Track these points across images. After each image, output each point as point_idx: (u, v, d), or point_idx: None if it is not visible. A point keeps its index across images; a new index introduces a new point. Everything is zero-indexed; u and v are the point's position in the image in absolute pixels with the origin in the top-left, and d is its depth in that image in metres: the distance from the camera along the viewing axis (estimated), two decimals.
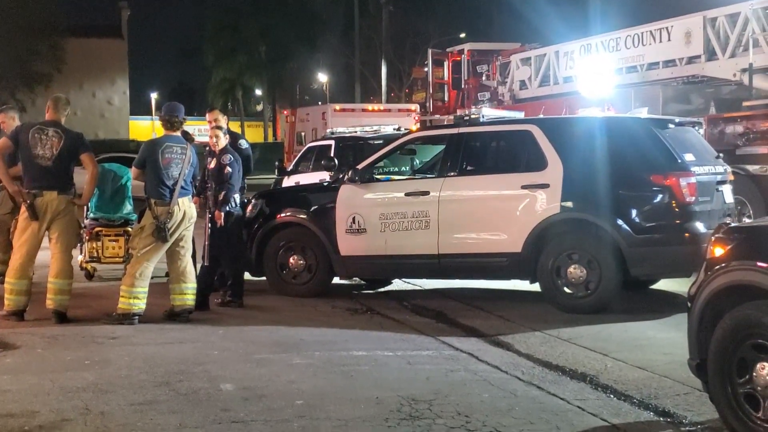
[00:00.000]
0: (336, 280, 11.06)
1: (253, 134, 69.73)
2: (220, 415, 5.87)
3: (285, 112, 34.06)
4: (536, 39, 34.31)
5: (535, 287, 10.23)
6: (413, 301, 10.58)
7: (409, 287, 11.64)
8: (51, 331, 8.42)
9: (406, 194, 10.29)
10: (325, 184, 11.50)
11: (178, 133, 9.22)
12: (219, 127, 10.14)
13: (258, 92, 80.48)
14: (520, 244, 9.68)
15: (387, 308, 10.07)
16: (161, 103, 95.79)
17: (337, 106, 30.80)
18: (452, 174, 10.20)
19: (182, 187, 8.99)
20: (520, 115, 11.64)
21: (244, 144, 10.84)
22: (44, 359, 7.34)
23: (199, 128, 75.95)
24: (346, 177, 10.65)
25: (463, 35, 57.06)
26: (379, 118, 26.90)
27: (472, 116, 10.50)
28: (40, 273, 9.49)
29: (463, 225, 10.00)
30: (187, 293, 9.09)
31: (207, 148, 10.78)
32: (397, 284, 11.77)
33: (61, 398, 6.18)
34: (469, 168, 10.28)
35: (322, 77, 67.99)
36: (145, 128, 78.07)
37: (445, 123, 13.24)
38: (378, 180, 10.88)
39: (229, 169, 9.85)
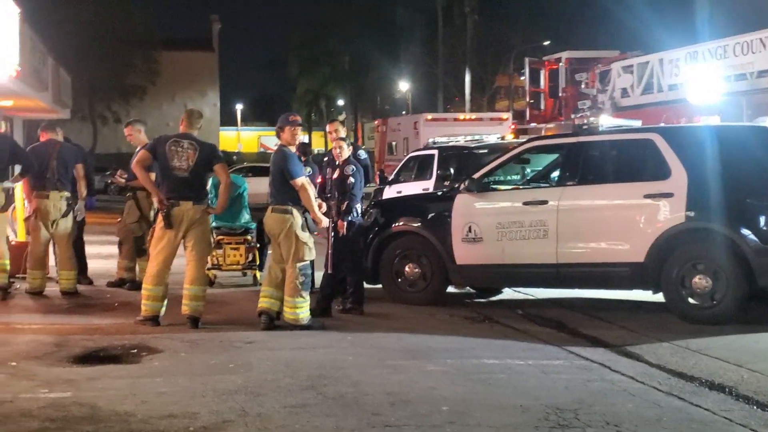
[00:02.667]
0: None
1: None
2: (372, 419, 5.96)
3: (376, 122, 34.25)
4: (621, 46, 34.05)
5: (647, 296, 10.17)
6: (529, 310, 10.56)
7: (521, 296, 11.63)
8: (189, 336, 8.63)
9: (524, 203, 10.28)
10: (440, 193, 11.55)
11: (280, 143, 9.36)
12: (343, 138, 10.27)
13: (340, 102, 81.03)
14: (642, 254, 9.61)
15: (504, 317, 10.06)
16: (246, 114, 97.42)
17: (429, 116, 30.89)
18: (571, 183, 10.18)
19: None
20: (638, 123, 11.54)
21: (362, 154, 10.97)
22: (190, 363, 7.52)
23: None
24: (463, 186, 10.69)
25: (546, 43, 56.73)
26: (471, 127, 26.94)
27: (591, 125, 10.44)
28: (173, 279, 9.70)
29: (583, 234, 9.96)
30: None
31: (326, 158, 10.97)
32: (508, 293, 11.76)
33: (217, 400, 6.33)
34: (589, 177, 10.23)
35: (404, 86, 68.13)
36: (231, 139, 79.29)
37: (560, 132, 13.16)
38: (494, 189, 10.88)
39: (352, 179, 9.97)
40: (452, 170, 13.02)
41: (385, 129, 32.83)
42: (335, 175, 10.16)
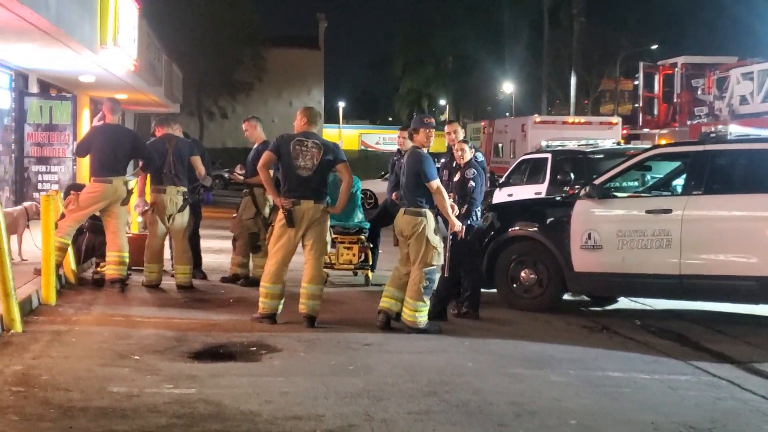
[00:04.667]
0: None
1: (437, 143, 70.37)
2: (498, 430, 5.83)
3: (482, 123, 33.97)
4: (733, 51, 33.13)
5: None
6: (647, 321, 10.29)
7: (638, 306, 11.36)
8: (306, 335, 8.61)
9: (647, 212, 10.01)
10: (559, 198, 11.35)
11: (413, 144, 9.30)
12: (465, 141, 10.15)
13: (442, 102, 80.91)
14: None
15: (623, 328, 9.82)
16: (348, 112, 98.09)
17: (538, 118, 30.51)
18: (697, 192, 9.87)
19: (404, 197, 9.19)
20: (766, 132, 11.13)
21: (480, 157, 10.81)
22: (310, 363, 7.50)
23: (383, 137, 77.34)
24: (583, 192, 10.48)
25: (655, 47, 55.61)
26: (580, 131, 26.56)
27: (719, 133, 10.11)
28: (289, 277, 9.71)
29: (709, 245, 9.64)
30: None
31: (443, 160, 10.83)
32: (624, 302, 11.50)
33: (340, 403, 6.28)
34: (715, 186, 9.91)
35: (508, 88, 67.63)
36: (332, 136, 79.96)
37: (685, 140, 12.80)
38: (615, 196, 10.63)
39: (472, 183, 9.85)
40: (572, 175, 12.76)
41: (492, 130, 32.58)
42: (456, 178, 10.04)
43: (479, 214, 10.15)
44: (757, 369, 8.01)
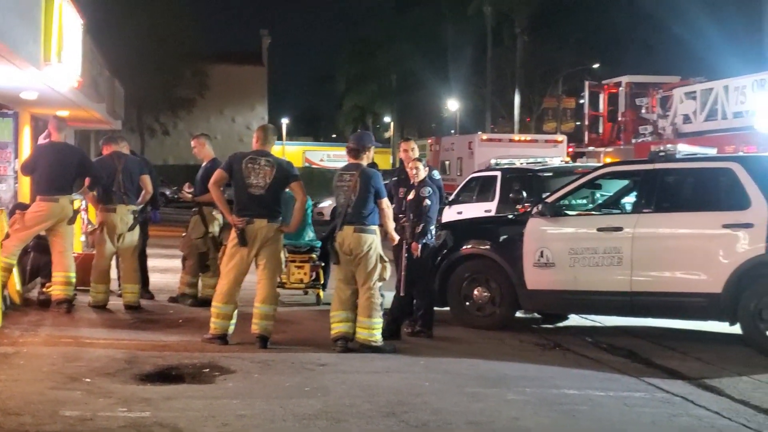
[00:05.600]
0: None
1: (380, 161, 70.57)
2: None
3: (429, 141, 34.15)
4: (674, 70, 33.78)
5: (721, 327, 10.00)
6: (598, 337, 10.39)
7: (588, 323, 11.47)
8: (259, 356, 8.54)
9: (598, 230, 10.14)
10: (512, 216, 11.44)
11: (361, 161, 9.21)
12: (419, 159, 10.18)
13: (387, 119, 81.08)
14: (720, 285, 9.42)
15: (575, 344, 9.91)
16: (291, 129, 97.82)
17: (484, 136, 30.80)
18: (647, 210, 10.03)
19: (348, 214, 9.00)
20: (713, 151, 11.36)
21: (436, 175, 10.85)
22: (265, 384, 7.43)
23: (328, 154, 77.18)
24: (536, 210, 10.57)
25: (596, 66, 56.43)
26: (526, 149, 26.86)
27: (668, 152, 10.28)
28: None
29: (659, 263, 9.80)
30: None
31: (396, 177, 10.88)
32: (575, 319, 11.60)
33: (298, 425, 6.24)
34: (665, 205, 10.08)
35: (452, 105, 68.08)
36: (276, 153, 79.54)
37: (634, 158, 13.00)
38: (567, 214, 10.73)
39: (428, 201, 9.87)
40: (524, 193, 12.91)
41: (438, 148, 32.77)
42: (410, 197, 10.05)
43: (433, 232, 10.17)
44: (709, 385, 8.13)
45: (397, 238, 9.33)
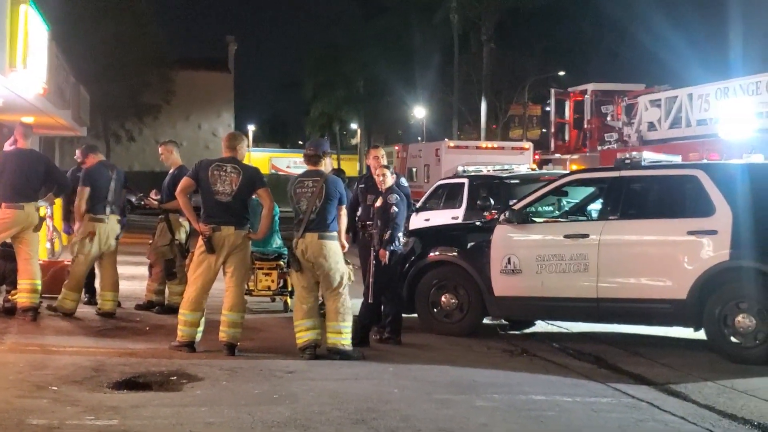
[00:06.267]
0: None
1: (348, 167, 70.46)
2: None
3: (396, 148, 34.21)
4: (639, 78, 34.13)
5: (687, 333, 10.13)
6: (565, 343, 10.47)
7: (555, 329, 11.54)
8: (227, 363, 8.51)
9: (565, 236, 10.22)
10: (479, 223, 11.50)
11: (320, 167, 9.20)
12: (387, 166, 10.22)
13: (353, 126, 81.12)
14: (684, 291, 9.52)
15: (542, 351, 9.98)
16: (258, 136, 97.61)
17: (451, 143, 30.89)
18: (613, 217, 10.11)
19: (311, 222, 8.95)
20: (678, 158, 11.49)
21: (404, 182, 10.91)
22: (233, 392, 7.41)
23: (294, 161, 76.93)
24: (503, 217, 10.63)
25: (561, 73, 56.84)
26: (493, 156, 26.97)
27: (634, 159, 10.38)
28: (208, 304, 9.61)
29: (625, 269, 9.89)
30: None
31: (363, 185, 10.93)
32: (541, 325, 11.66)
33: None
34: (631, 211, 10.17)
35: (419, 112, 68.24)
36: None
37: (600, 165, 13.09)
38: (534, 221, 10.81)
39: (395, 208, 9.91)
40: (491, 200, 13.00)
41: (405, 155, 32.82)
42: (378, 204, 10.09)
43: (402, 239, 10.21)
44: (674, 390, 8.21)
45: (347, 245, 9.34)
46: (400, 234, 10.07)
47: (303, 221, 8.95)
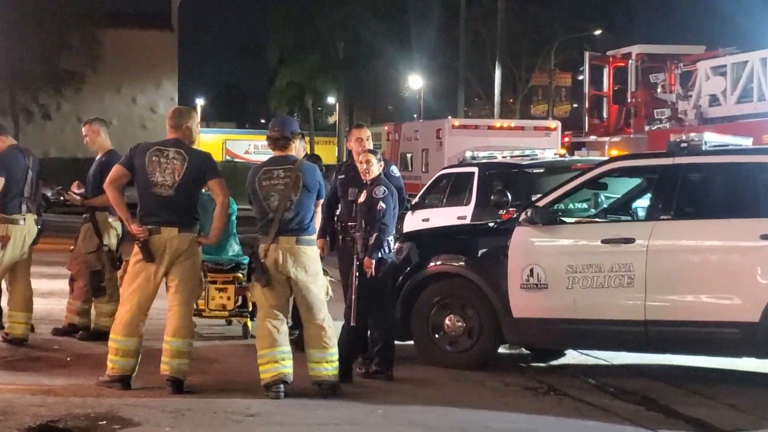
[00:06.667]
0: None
1: (324, 153, 70.60)
2: None
3: (385, 128, 34.27)
4: (693, 38, 34.20)
5: (756, 365, 10.26)
6: (603, 379, 10.53)
7: (591, 360, 11.61)
8: (171, 403, 8.55)
9: (603, 241, 10.23)
10: (494, 224, 11.52)
11: (289, 152, 9.28)
12: (373, 151, 10.23)
13: (331, 100, 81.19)
14: (757, 312, 9.54)
15: (573, 388, 10.03)
16: (208, 113, 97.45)
17: (457, 122, 31.00)
18: (665, 217, 10.15)
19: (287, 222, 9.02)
20: (748, 141, 11.54)
21: (394, 171, 10.91)
22: None
23: (255, 144, 76.97)
24: (524, 217, 10.64)
25: (598, 32, 57.06)
26: (510, 138, 27.07)
27: (692, 143, 10.40)
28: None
29: (680, 283, 9.92)
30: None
31: (342, 175, 10.95)
32: (573, 356, 11.72)
33: None
34: (688, 210, 10.21)
35: (415, 82, 68.35)
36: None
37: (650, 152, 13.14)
38: (564, 221, 10.82)
39: (382, 204, 9.92)
40: (508, 195, 13.06)
41: (398, 137, 32.85)
42: (361, 199, 10.11)
43: (392, 244, 10.22)
44: None
45: (323, 252, 9.44)
46: (390, 238, 10.08)
47: (274, 221, 8.97)
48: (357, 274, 9.89)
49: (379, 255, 9.90)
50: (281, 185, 9.01)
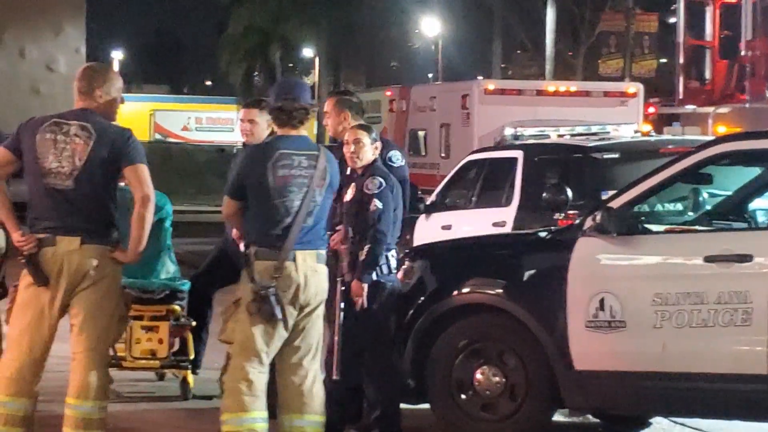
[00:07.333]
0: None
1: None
2: None
3: (387, 93, 34.15)
4: None
5: None
6: None
7: None
8: None
9: (707, 259, 10.22)
10: (546, 235, 11.53)
11: (304, 133, 9.34)
12: (364, 127, 10.25)
13: (308, 53, 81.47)
14: None
15: None
16: (131, 71, 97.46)
17: (491, 85, 30.88)
18: None
19: (307, 231, 9.10)
20: None
21: (397, 157, 10.89)
22: None
23: (198, 116, 77.16)
24: (590, 224, 10.63)
25: None
26: (568, 108, 27.07)
27: None
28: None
29: None
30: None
31: None
32: (662, 425, 11.77)
33: None
34: None
35: (431, 28, 68.60)
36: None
37: None
38: (648, 231, 10.81)
39: (377, 203, 10.01)
40: (568, 191, 13.08)
41: (405, 106, 32.78)
42: (348, 196, 10.16)
43: (393, 261, 10.25)
44: None
45: None
46: (392, 253, 10.19)
47: (292, 229, 9.03)
48: (342, 306, 9.90)
49: (374, 277, 9.96)
50: (304, 178, 9.08)
